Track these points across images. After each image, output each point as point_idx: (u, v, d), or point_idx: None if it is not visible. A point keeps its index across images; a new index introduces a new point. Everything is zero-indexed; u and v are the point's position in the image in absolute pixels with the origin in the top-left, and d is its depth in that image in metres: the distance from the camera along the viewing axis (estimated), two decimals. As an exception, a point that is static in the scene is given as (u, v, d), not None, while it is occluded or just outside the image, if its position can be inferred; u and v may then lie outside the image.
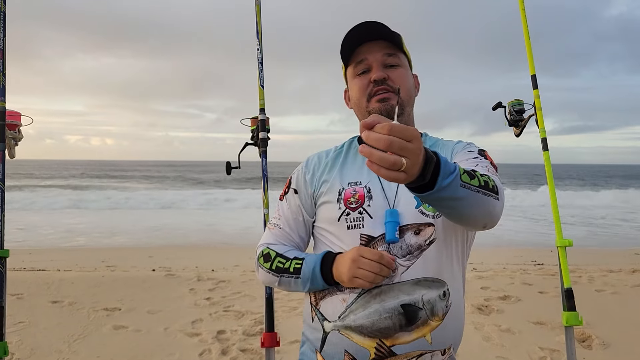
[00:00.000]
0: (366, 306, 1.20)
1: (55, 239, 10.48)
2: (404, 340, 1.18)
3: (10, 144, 2.29)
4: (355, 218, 1.26)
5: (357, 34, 1.29)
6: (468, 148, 1.31)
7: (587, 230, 12.75)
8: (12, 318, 4.16)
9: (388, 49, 1.30)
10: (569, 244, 2.38)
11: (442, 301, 1.20)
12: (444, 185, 0.90)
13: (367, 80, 1.30)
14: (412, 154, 0.79)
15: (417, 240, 1.22)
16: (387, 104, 1.27)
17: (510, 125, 2.73)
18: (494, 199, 1.04)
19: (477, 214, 1.03)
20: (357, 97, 1.32)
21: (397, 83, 1.28)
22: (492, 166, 1.24)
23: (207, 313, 4.57)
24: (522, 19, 2.53)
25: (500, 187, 1.10)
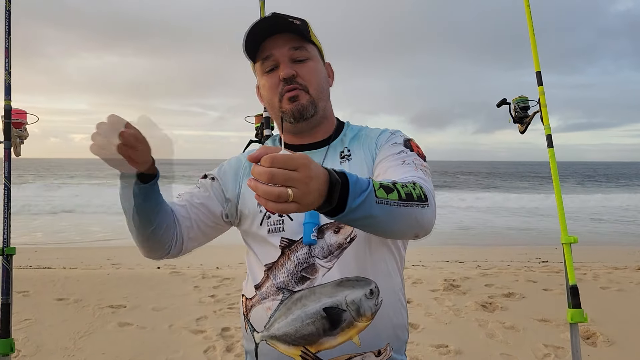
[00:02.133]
0: (288, 313, 1.16)
1: (60, 236, 10.53)
2: (329, 345, 1.13)
3: (16, 142, 2.31)
4: (275, 221, 1.22)
5: (259, 29, 1.21)
6: (392, 139, 1.24)
7: (592, 227, 12.71)
8: (18, 315, 4.18)
9: (294, 41, 1.22)
10: (574, 241, 2.37)
11: (369, 300, 1.14)
12: (355, 206, 0.85)
13: (276, 78, 1.22)
14: (300, 182, 0.76)
15: (337, 239, 1.17)
16: (299, 103, 1.21)
17: (514, 122, 2.72)
18: (421, 207, 0.98)
19: (401, 227, 0.97)
20: (269, 97, 1.25)
21: (306, 78, 1.22)
22: (420, 157, 1.19)
23: (212, 310, 4.58)
24: (527, 16, 2.52)
25: (429, 189, 1.04)
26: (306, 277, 1.17)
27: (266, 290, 1.22)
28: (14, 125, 2.28)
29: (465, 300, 4.87)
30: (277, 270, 1.20)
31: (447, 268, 6.44)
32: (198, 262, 6.94)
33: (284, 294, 1.18)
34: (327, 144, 1.28)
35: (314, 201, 0.80)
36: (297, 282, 1.17)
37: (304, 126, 1.25)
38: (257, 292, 1.24)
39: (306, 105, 1.22)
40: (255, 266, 1.27)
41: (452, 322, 4.28)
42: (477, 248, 8.88)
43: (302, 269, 1.17)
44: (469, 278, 5.73)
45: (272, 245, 1.21)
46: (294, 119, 1.22)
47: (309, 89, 1.22)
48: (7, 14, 2.35)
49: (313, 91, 1.23)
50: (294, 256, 1.18)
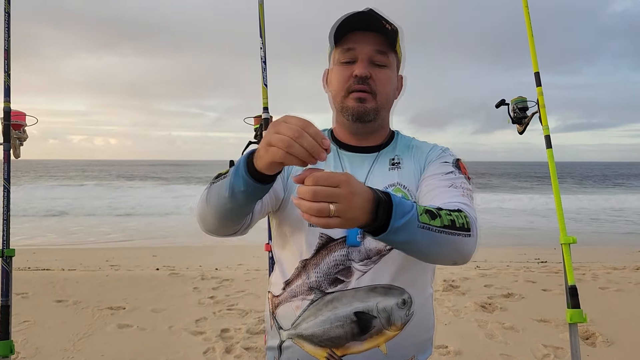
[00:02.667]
0: (318, 314, 1.15)
1: (60, 238, 10.52)
2: (355, 350, 1.12)
3: (16, 143, 2.31)
4: None
5: (353, 20, 1.20)
6: (443, 158, 1.24)
7: (591, 227, 12.72)
8: (17, 317, 4.17)
9: (380, 45, 1.21)
10: (573, 241, 2.38)
11: (400, 310, 1.13)
12: (398, 226, 0.87)
13: (349, 72, 1.21)
14: (342, 198, 0.80)
15: (377, 245, 1.16)
16: (362, 105, 1.21)
17: (513, 122, 2.73)
18: (464, 237, 0.98)
19: (441, 254, 0.98)
20: (336, 88, 1.25)
21: (378, 84, 1.21)
22: (467, 180, 1.19)
23: (211, 311, 4.58)
24: (526, 16, 2.52)
25: (473, 219, 1.03)
26: (340, 280, 1.16)
27: (297, 288, 1.20)
28: (13, 127, 2.28)
29: (464, 300, 4.87)
30: (311, 269, 1.18)
31: (446, 268, 6.43)
32: (197, 264, 6.94)
33: (316, 294, 1.17)
34: (378, 151, 1.28)
35: (357, 217, 0.83)
36: (330, 284, 1.16)
37: (360, 128, 1.25)
38: (286, 288, 1.22)
39: (370, 110, 1.22)
40: (286, 260, 1.25)
41: (451, 322, 4.28)
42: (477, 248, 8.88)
43: (338, 271, 1.16)
44: (468, 279, 5.74)
45: (310, 238, 1.19)
46: (352, 118, 1.23)
47: (377, 96, 1.22)
48: (6, 15, 2.35)
49: (380, 99, 1.23)
50: (331, 256, 1.17)
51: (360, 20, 1.20)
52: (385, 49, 1.22)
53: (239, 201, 1.02)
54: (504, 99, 2.71)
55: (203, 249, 8.70)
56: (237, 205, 1.04)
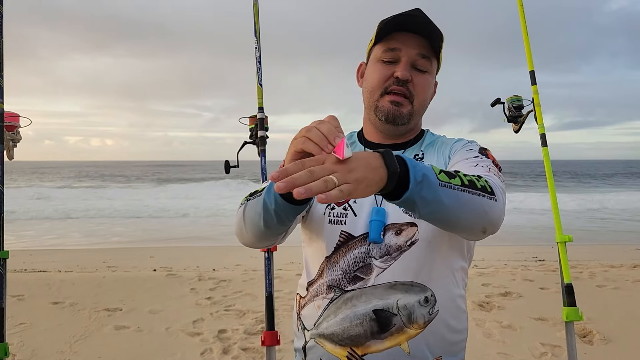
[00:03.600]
0: (337, 312, 1.13)
1: (56, 239, 10.49)
2: (376, 348, 1.10)
3: (9, 145, 2.29)
4: (338, 213, 1.19)
5: (402, 19, 1.18)
6: (468, 146, 1.23)
7: (587, 226, 12.75)
8: (12, 319, 4.16)
9: (424, 49, 1.20)
10: (569, 240, 2.38)
11: (423, 307, 1.10)
12: (419, 180, 0.86)
13: (389, 72, 1.20)
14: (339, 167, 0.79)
15: (397, 241, 1.13)
16: (397, 109, 1.20)
17: (509, 121, 2.73)
18: (488, 199, 0.96)
19: (469, 217, 0.95)
20: (373, 85, 1.23)
21: (417, 89, 1.21)
22: (495, 166, 1.16)
23: (209, 312, 4.57)
24: (520, 15, 2.52)
25: (498, 186, 1.02)
26: (360, 277, 1.14)
27: (318, 287, 1.19)
28: (6, 129, 2.27)
29: (462, 299, 4.87)
30: (331, 267, 1.17)
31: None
32: (194, 265, 6.92)
33: (335, 292, 1.15)
34: (404, 148, 1.28)
35: (366, 176, 0.80)
36: (349, 282, 1.14)
37: (391, 130, 1.25)
38: (309, 289, 1.21)
39: (404, 114, 1.21)
40: (310, 261, 1.24)
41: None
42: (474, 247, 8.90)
43: (357, 269, 1.14)
44: (465, 277, 5.74)
45: (330, 237, 1.18)
46: (385, 120, 1.22)
47: (414, 101, 1.21)
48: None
49: (416, 104, 1.22)
50: (351, 254, 1.15)
51: (409, 21, 1.18)
52: (429, 54, 1.21)
53: (272, 219, 1.04)
54: (499, 97, 2.71)
55: (200, 250, 8.69)
56: (271, 223, 1.05)
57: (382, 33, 1.21)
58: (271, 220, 1.05)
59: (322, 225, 1.20)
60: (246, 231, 1.13)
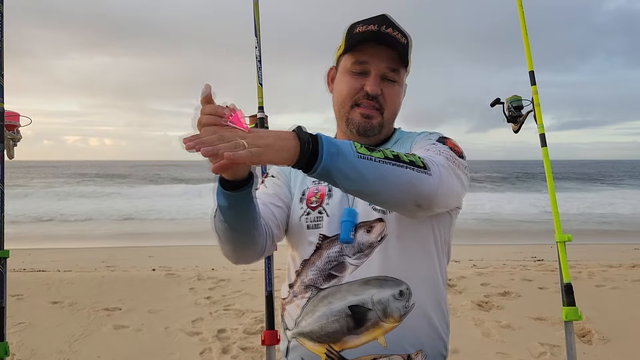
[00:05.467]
0: (314, 310, 1.16)
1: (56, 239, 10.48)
2: (353, 344, 1.12)
3: (9, 144, 2.29)
4: (314, 218, 1.23)
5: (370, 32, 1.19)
6: (429, 137, 1.24)
7: (586, 225, 12.76)
8: (12, 319, 4.15)
9: (393, 62, 1.21)
10: (568, 239, 2.38)
11: (398, 301, 1.12)
12: (332, 151, 0.88)
13: (359, 85, 1.21)
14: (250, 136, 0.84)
15: (368, 238, 1.16)
16: (368, 122, 1.22)
17: (508, 121, 2.73)
18: (416, 172, 0.96)
19: (393, 188, 0.95)
20: (343, 97, 1.24)
21: (387, 101, 1.22)
22: (453, 151, 1.15)
23: (208, 312, 4.57)
24: (520, 15, 2.52)
25: (438, 163, 1.03)
26: (334, 275, 1.17)
27: (297, 288, 1.22)
28: (6, 128, 2.27)
29: (461, 299, 4.88)
30: (308, 268, 1.21)
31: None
32: (193, 264, 6.92)
33: (312, 291, 1.18)
34: None
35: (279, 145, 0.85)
36: (324, 280, 1.17)
37: (362, 140, 1.23)
38: (290, 290, 1.25)
39: (375, 125, 1.23)
40: (292, 265, 1.28)
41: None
42: (473, 247, 8.90)
43: (332, 267, 1.17)
44: (464, 277, 5.74)
45: (310, 242, 1.22)
46: (356, 132, 1.23)
47: (385, 112, 1.23)
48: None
49: (387, 115, 1.24)
50: (326, 253, 1.19)
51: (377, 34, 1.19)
52: (398, 66, 1.23)
53: (230, 215, 1.04)
54: (499, 97, 2.72)
55: (199, 250, 8.68)
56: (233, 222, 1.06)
57: (350, 43, 1.22)
58: (231, 219, 1.05)
59: (301, 232, 1.24)
60: (223, 244, 1.14)
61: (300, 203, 1.26)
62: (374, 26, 1.20)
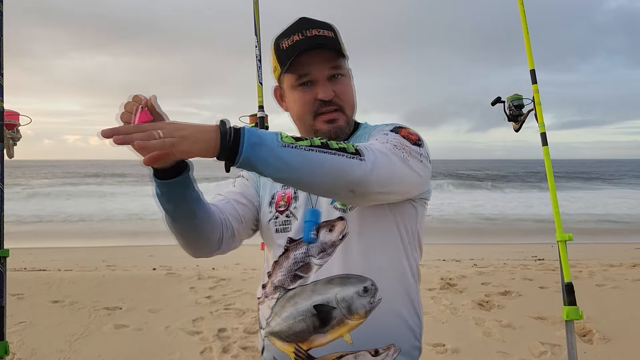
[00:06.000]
0: (282, 311, 1.18)
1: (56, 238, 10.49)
2: (319, 342, 1.13)
3: (9, 144, 2.29)
4: (283, 221, 1.25)
5: (299, 43, 1.17)
6: (383, 129, 1.21)
7: (587, 225, 12.76)
8: (12, 318, 4.15)
9: (331, 60, 1.19)
10: (569, 239, 2.38)
11: (362, 298, 1.12)
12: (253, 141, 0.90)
13: (311, 96, 1.19)
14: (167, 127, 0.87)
15: (331, 237, 1.17)
16: (336, 125, 1.21)
17: (509, 120, 2.73)
18: (347, 158, 0.96)
19: (322, 175, 0.95)
20: (301, 113, 1.22)
21: (343, 98, 1.21)
22: (407, 140, 1.13)
23: (208, 311, 4.57)
24: (521, 14, 2.52)
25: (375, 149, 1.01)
26: (299, 276, 1.19)
27: (268, 289, 1.26)
28: (6, 127, 2.27)
29: (461, 298, 4.88)
30: (277, 269, 1.24)
31: (444, 267, 6.45)
32: (194, 263, 6.92)
33: (280, 292, 1.21)
34: None
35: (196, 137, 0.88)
36: (291, 281, 1.20)
37: None
38: (263, 291, 1.28)
39: (343, 126, 1.23)
40: (265, 267, 1.31)
41: (448, 320, 4.28)
42: (473, 246, 8.90)
43: (298, 268, 1.20)
44: (465, 276, 5.74)
45: (279, 245, 1.24)
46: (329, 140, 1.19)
47: (345, 109, 1.23)
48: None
49: (349, 111, 1.24)
50: (292, 255, 1.21)
51: (305, 41, 1.17)
52: (338, 62, 1.21)
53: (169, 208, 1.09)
54: (499, 96, 2.71)
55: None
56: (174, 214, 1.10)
57: (284, 60, 1.19)
58: (171, 211, 1.09)
59: (271, 235, 1.27)
60: (177, 240, 1.20)
61: (269, 207, 1.28)
62: (298, 35, 1.17)
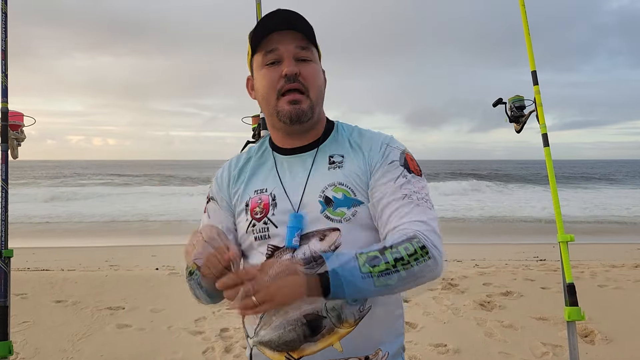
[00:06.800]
0: (271, 320, 1.16)
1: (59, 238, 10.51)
2: (310, 351, 1.13)
3: (13, 144, 2.31)
4: (261, 229, 1.22)
5: (270, 21, 1.18)
6: (389, 157, 1.20)
7: (589, 225, 12.74)
8: (16, 318, 4.17)
9: (301, 40, 1.19)
10: (571, 239, 2.38)
11: (352, 306, 1.13)
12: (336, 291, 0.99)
13: (277, 74, 1.18)
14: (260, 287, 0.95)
15: (321, 247, 1.16)
16: (298, 107, 1.19)
17: (510, 121, 2.73)
18: (420, 265, 1.03)
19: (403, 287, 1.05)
20: (266, 92, 1.21)
21: (308, 80, 1.19)
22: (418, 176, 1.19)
23: (211, 311, 4.58)
24: (522, 15, 2.53)
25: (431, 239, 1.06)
26: None
27: None
28: (11, 128, 2.28)
29: (463, 299, 4.88)
30: None
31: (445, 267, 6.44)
32: (196, 263, 6.93)
33: None
34: (317, 147, 1.26)
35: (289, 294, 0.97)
36: None
37: (298, 129, 1.23)
38: None
39: (306, 110, 1.19)
40: None
41: (450, 321, 4.29)
42: (475, 246, 8.90)
43: None
44: (467, 277, 5.74)
45: (260, 253, 1.22)
46: (289, 121, 1.20)
47: (310, 92, 1.20)
48: (3, 16, 2.35)
49: (313, 95, 1.21)
50: None
51: (279, 20, 1.18)
52: (308, 44, 1.21)
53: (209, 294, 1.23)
54: (501, 97, 2.72)
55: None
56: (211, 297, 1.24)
57: (255, 41, 1.21)
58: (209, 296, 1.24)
59: (250, 244, 1.24)
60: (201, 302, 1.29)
61: (245, 215, 1.25)
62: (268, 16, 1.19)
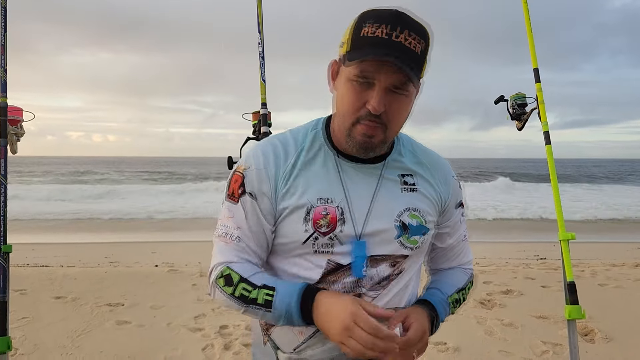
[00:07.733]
0: (325, 342, 1.11)
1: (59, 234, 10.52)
2: None
3: (12, 139, 2.30)
4: (324, 244, 1.12)
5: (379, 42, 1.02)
6: (458, 198, 1.30)
7: (590, 224, 12.73)
8: (15, 314, 4.17)
9: (403, 77, 1.04)
10: (572, 238, 2.38)
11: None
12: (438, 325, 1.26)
13: (362, 101, 1.06)
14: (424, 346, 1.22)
15: (390, 272, 1.15)
16: (369, 141, 1.09)
17: (512, 119, 2.72)
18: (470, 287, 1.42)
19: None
20: (345, 109, 1.10)
21: (392, 117, 1.08)
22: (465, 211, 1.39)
23: (210, 308, 4.58)
24: (525, 13, 2.51)
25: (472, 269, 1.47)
26: None
27: None
28: (10, 123, 2.27)
29: (463, 297, 4.87)
30: None
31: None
32: (196, 260, 6.94)
33: None
34: (384, 159, 1.20)
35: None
36: None
37: (361, 154, 1.15)
38: None
39: (377, 144, 1.11)
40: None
41: (450, 319, 4.26)
42: (475, 245, 8.88)
43: None
44: (467, 275, 5.73)
45: (314, 264, 1.13)
46: (356, 150, 1.12)
47: (388, 129, 1.09)
48: (2, 10, 2.34)
49: (391, 132, 1.11)
50: (340, 283, 1.12)
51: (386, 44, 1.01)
52: (408, 84, 1.06)
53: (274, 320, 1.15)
54: (502, 95, 2.71)
55: (202, 246, 8.69)
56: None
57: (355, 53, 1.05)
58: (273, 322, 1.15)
59: (303, 253, 1.14)
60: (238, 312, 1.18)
61: (304, 224, 1.12)
62: (386, 28, 1.01)
